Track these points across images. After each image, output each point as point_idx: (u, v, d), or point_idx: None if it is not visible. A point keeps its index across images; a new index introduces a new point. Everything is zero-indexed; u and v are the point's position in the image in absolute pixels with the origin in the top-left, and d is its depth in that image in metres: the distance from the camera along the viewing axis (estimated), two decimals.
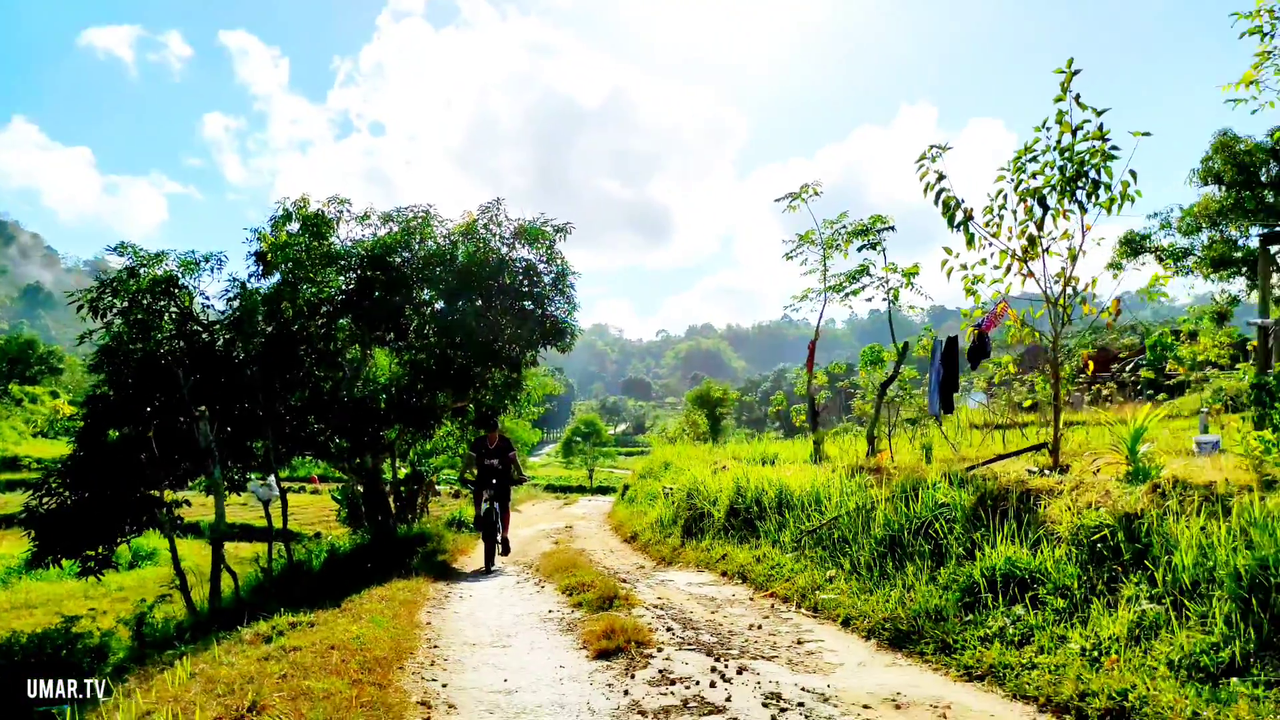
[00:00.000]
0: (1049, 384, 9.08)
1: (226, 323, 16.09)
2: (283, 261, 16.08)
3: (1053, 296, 8.35)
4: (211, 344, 15.85)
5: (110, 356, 15.66)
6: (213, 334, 16.01)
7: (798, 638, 6.52)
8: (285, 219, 16.91)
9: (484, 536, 12.87)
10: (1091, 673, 4.61)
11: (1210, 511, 5.37)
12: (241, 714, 4.20)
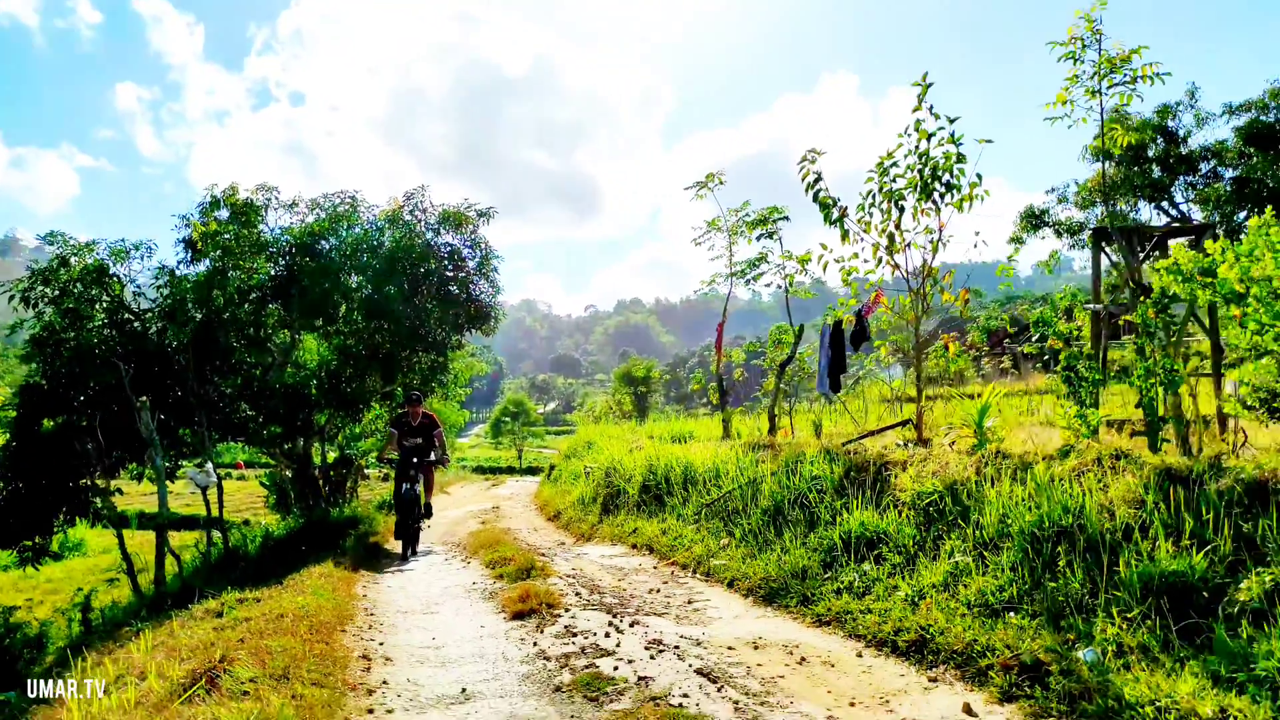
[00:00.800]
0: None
1: (158, 311, 16.67)
2: (212, 249, 16.68)
3: (914, 286, 9.55)
4: (144, 332, 16.46)
5: (42, 346, 16.16)
6: (144, 322, 16.62)
7: (689, 599, 7.63)
8: (214, 205, 17.53)
9: (399, 521, 12.26)
10: (910, 613, 5.78)
11: (1019, 478, 6.58)
12: (213, 665, 5.17)
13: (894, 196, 9.22)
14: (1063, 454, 6.87)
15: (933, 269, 9.53)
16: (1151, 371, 6.68)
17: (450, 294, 17.78)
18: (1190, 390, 6.88)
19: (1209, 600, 4.57)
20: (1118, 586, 4.97)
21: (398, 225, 17.88)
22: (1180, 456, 5.95)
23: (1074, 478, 6.17)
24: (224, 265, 16.61)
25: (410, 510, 12.18)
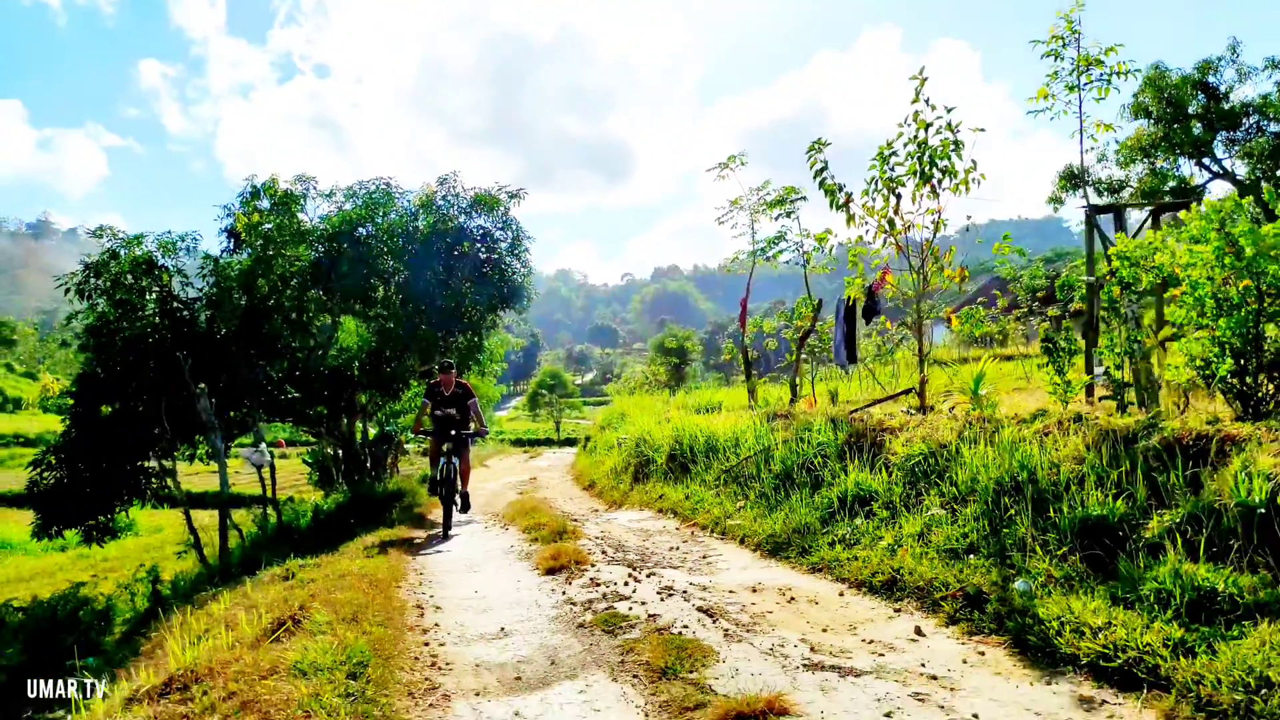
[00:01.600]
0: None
1: (206, 299, 17.90)
2: (255, 239, 17.85)
3: (915, 266, 10.51)
4: (193, 320, 17.69)
5: (97, 336, 17.42)
6: (193, 311, 17.84)
7: (703, 554, 8.72)
8: (255, 195, 18.73)
9: (442, 498, 11.97)
10: (887, 559, 6.81)
11: (993, 440, 7.57)
12: (293, 613, 6.33)
13: (892, 185, 10.13)
14: (1034, 417, 7.84)
15: (935, 248, 10.46)
16: (1116, 342, 7.65)
17: (484, 274, 18.87)
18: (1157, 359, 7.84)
19: (1123, 538, 5.56)
20: (1054, 529, 5.97)
21: (431, 210, 18.98)
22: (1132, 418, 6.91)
23: (1036, 438, 7.15)
24: (267, 254, 17.74)
25: (447, 485, 11.79)
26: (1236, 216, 6.22)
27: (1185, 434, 6.04)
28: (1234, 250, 6.08)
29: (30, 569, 24.63)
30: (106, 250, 17.43)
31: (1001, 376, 15.49)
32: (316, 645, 5.42)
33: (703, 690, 4.62)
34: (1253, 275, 6.08)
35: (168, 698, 5.01)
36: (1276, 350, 6.29)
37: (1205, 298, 6.45)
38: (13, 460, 47.30)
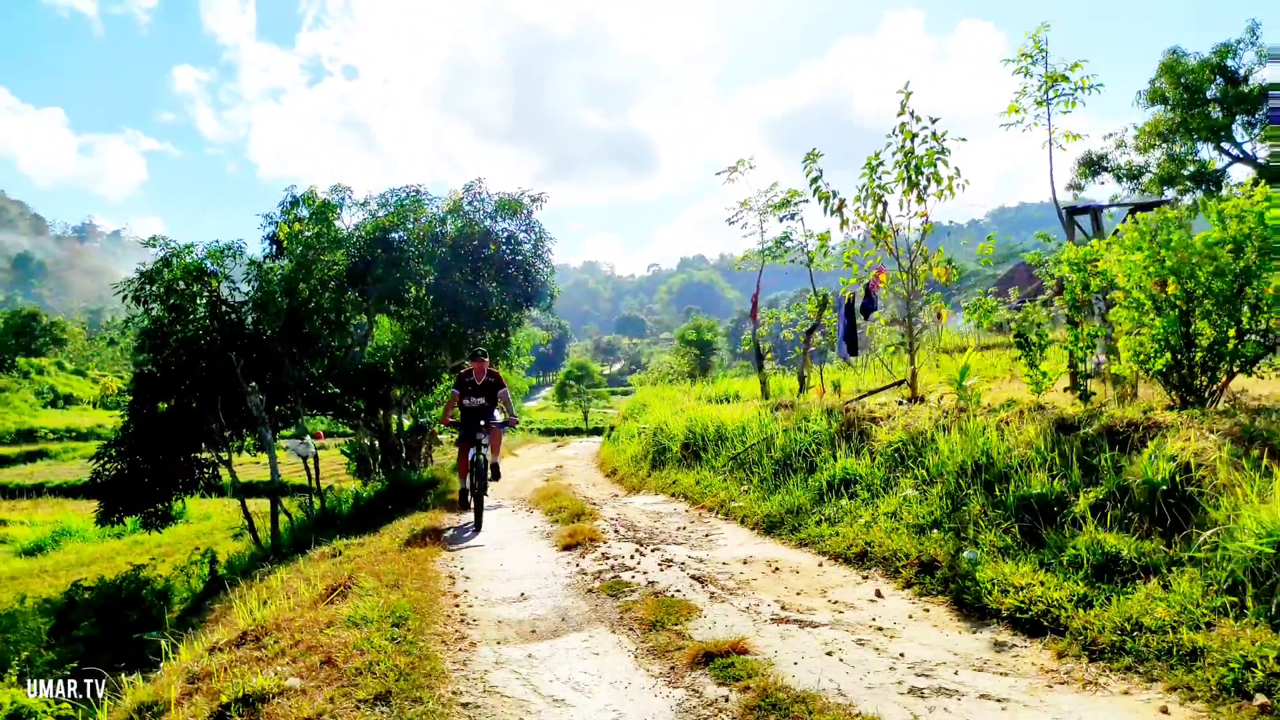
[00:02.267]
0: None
1: (251, 303, 18.96)
2: (296, 247, 18.88)
3: (904, 265, 11.29)
4: (240, 322, 18.75)
5: (152, 338, 18.52)
6: (240, 314, 18.90)
7: (706, 533, 9.57)
8: (294, 204, 19.75)
9: (473, 491, 11.37)
10: (863, 534, 7.64)
11: (964, 429, 8.35)
12: (344, 581, 7.26)
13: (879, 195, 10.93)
14: (1003, 407, 8.62)
15: (924, 249, 11.24)
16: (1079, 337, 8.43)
17: (509, 275, 19.79)
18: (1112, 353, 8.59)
19: (1056, 513, 6.35)
20: (1002, 506, 6.77)
21: (458, 215, 19.92)
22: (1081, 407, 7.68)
23: (998, 427, 7.94)
24: (307, 260, 18.74)
25: (482, 476, 11.34)
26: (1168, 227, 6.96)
27: (1119, 422, 6.83)
28: (1160, 259, 6.84)
29: (90, 554, 25.84)
30: (160, 258, 18.51)
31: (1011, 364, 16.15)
32: (365, 604, 6.34)
33: (683, 638, 5.49)
34: (1180, 280, 6.83)
35: (243, 646, 5.94)
36: (1208, 346, 7.04)
37: (1143, 300, 7.21)
38: (66, 454, 48.76)
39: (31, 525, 32.06)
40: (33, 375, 68.34)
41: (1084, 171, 35.15)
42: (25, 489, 40.69)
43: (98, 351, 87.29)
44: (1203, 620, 4.52)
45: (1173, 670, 4.26)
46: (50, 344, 75.53)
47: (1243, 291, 6.74)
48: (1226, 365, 7.05)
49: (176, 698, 5.21)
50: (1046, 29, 9.72)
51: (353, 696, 4.62)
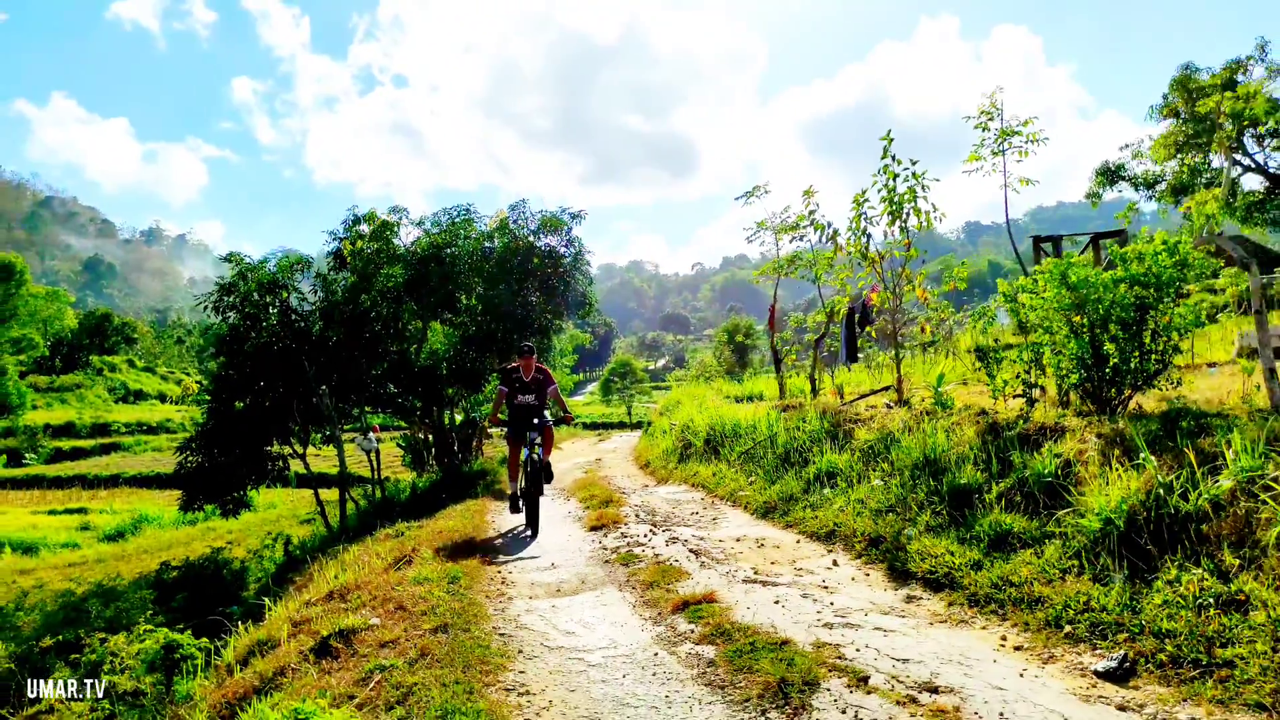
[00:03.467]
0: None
1: (318, 312, 20.74)
2: (359, 263, 20.64)
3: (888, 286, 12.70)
4: (308, 329, 20.52)
5: (228, 344, 20.37)
6: (308, 321, 20.67)
7: (714, 517, 11.08)
8: (356, 222, 21.54)
9: (525, 495, 11.08)
10: (835, 517, 9.11)
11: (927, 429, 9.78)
12: (408, 552, 8.88)
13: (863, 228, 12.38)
14: (961, 411, 10.04)
15: (908, 271, 12.65)
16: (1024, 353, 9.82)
17: (551, 286, 21.43)
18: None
19: (977, 498, 7.78)
20: (939, 493, 8.21)
21: (505, 232, 21.60)
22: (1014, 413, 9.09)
23: (948, 429, 9.37)
24: (368, 273, 20.48)
25: (535, 478, 10.94)
26: (1074, 270, 8.34)
27: (1033, 426, 8.26)
28: (1069, 293, 8.24)
29: (167, 539, 27.81)
30: (235, 272, 20.36)
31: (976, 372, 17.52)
32: (425, 569, 7.98)
33: (670, 593, 7.04)
34: (1085, 312, 8.23)
35: (331, 600, 7.58)
36: (1114, 365, 8.42)
37: (1058, 328, 8.60)
38: (139, 447, 51.14)
39: (112, 513, 34.18)
40: (105, 372, 71.45)
41: (1101, 181, 36.06)
42: (103, 479, 42.94)
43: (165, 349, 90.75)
44: (1054, 577, 5.97)
45: (1019, 612, 5.74)
46: (122, 343, 78.76)
47: (1144, 320, 8.12)
48: (1130, 381, 8.42)
49: (286, 635, 6.84)
50: (1001, 91, 11.09)
51: (420, 628, 6.24)
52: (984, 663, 5.02)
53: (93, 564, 24.39)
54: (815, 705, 4.44)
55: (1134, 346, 8.23)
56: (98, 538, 29.83)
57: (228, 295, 20.18)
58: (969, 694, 4.53)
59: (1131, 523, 5.83)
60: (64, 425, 54.71)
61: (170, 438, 53.49)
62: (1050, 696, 4.47)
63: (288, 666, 6.02)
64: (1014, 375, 9.79)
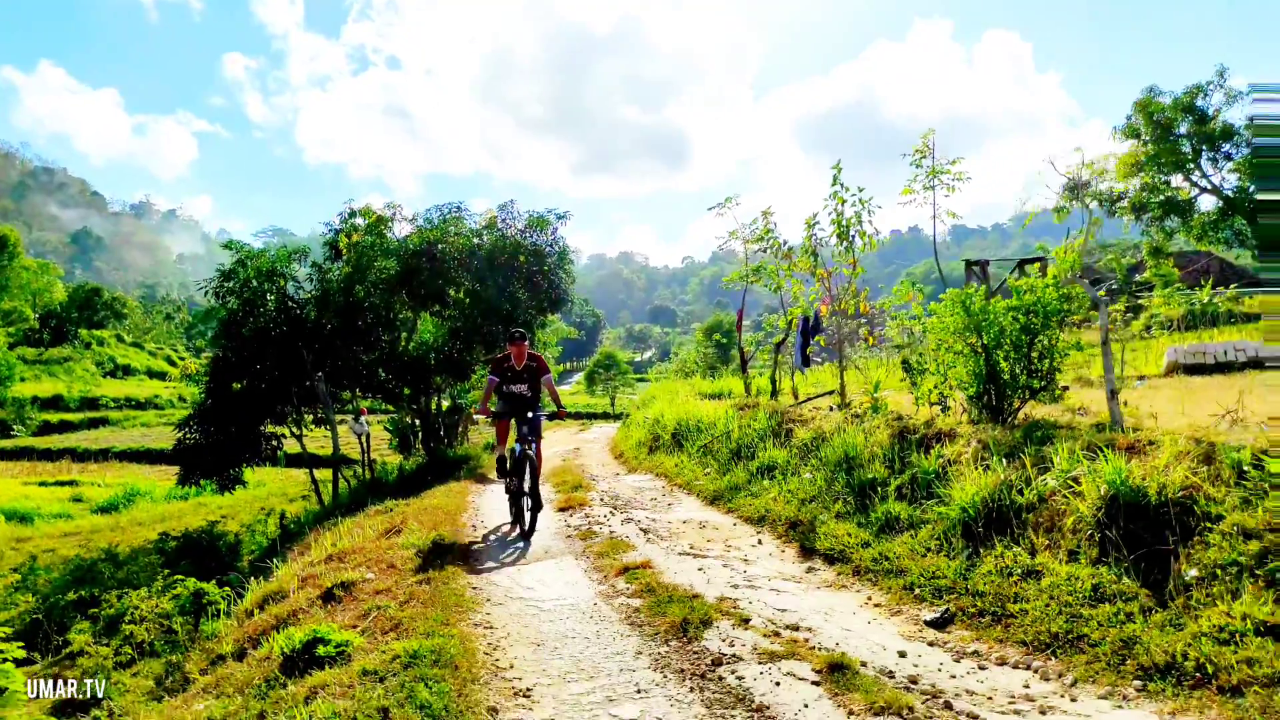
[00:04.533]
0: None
1: (314, 300, 22.17)
2: (354, 255, 22.08)
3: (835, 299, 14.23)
4: (303, 317, 21.94)
5: (227, 327, 21.80)
6: (303, 309, 22.10)
7: (669, 502, 12.62)
8: (352, 215, 23.00)
9: (511, 492, 10.78)
10: (769, 504, 10.64)
11: (849, 431, 11.31)
12: (397, 525, 10.41)
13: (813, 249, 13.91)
14: (883, 414, 11.59)
15: (853, 288, 14.19)
16: (939, 369, 11.35)
17: (535, 283, 22.90)
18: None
19: (880, 490, 9.32)
20: (851, 486, 9.75)
21: (494, 230, 23.08)
22: (921, 419, 10.63)
23: (869, 432, 10.91)
24: (362, 265, 21.91)
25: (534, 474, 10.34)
26: (971, 298, 9.88)
27: (933, 431, 9.81)
28: (968, 318, 9.79)
29: (159, 513, 29.20)
30: (235, 260, 21.80)
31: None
32: (413, 537, 9.51)
33: (616, 561, 8.59)
34: (980, 334, 9.76)
35: (331, 561, 9.10)
36: (1006, 381, 9.96)
37: (960, 348, 10.15)
38: (127, 421, 52.41)
39: (104, 486, 35.52)
40: (94, 346, 72.66)
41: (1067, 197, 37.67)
42: (93, 453, 44.16)
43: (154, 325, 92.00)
44: (920, 553, 7.52)
45: (887, 579, 7.31)
46: (110, 317, 79.86)
47: (1033, 343, 9.67)
48: (1020, 394, 9.96)
49: (295, 587, 8.36)
50: (933, 134, 12.60)
51: (407, 580, 7.79)
52: (844, 613, 6.58)
53: (88, 534, 25.74)
54: (704, 637, 5.99)
55: (1023, 365, 9.78)
56: (90, 509, 31.15)
57: (228, 281, 21.63)
58: (821, 631, 6.08)
59: (980, 511, 7.38)
60: (52, 398, 55.87)
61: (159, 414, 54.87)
62: (882, 635, 6.02)
63: (298, 610, 7.54)
64: (932, 386, 11.35)
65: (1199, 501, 5.87)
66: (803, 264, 14.36)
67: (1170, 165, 34.91)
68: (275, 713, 4.72)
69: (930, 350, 11.56)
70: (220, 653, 7.25)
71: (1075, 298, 9.80)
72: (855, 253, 13.83)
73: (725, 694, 4.96)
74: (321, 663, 5.49)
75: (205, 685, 6.20)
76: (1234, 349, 16.66)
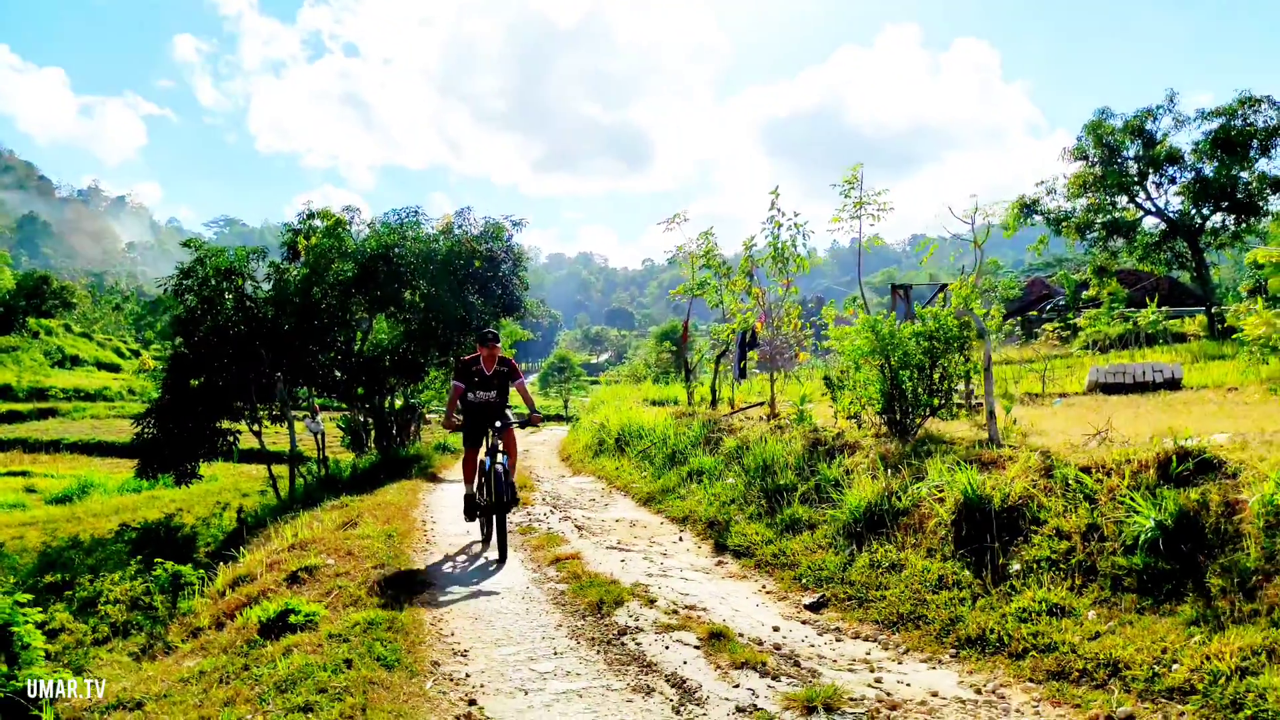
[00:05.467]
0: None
1: (271, 300, 23.07)
2: (312, 257, 23.01)
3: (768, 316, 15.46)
4: (262, 316, 22.84)
5: (184, 324, 22.65)
6: (260, 308, 22.99)
7: (606, 503, 13.78)
8: (311, 217, 23.93)
9: (483, 512, 10.36)
10: (693, 506, 11.81)
11: (770, 440, 12.51)
12: (353, 519, 11.48)
13: (749, 270, 15.12)
14: (800, 428, 12.81)
15: (786, 304, 15.43)
16: (855, 387, 12.59)
17: (490, 289, 23.95)
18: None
19: (789, 495, 10.52)
20: (765, 490, 10.94)
21: (450, 236, 24.11)
22: (833, 431, 11.85)
23: (787, 441, 12.12)
24: (319, 267, 22.85)
25: (499, 489, 9.58)
26: (880, 323, 11.13)
27: (840, 442, 11.05)
28: (876, 341, 11.03)
29: (114, 505, 29.81)
30: (194, 258, 22.66)
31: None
32: (369, 529, 10.60)
33: (550, 553, 9.74)
34: (885, 355, 11.01)
35: (294, 550, 10.16)
36: (910, 399, 11.21)
37: (869, 368, 11.40)
38: (76, 413, 52.58)
39: (57, 477, 36.00)
40: (42, 335, 72.45)
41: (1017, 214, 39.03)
42: (44, 444, 44.44)
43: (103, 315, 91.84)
44: (813, 550, 8.72)
45: (780, 571, 8.51)
46: (59, 306, 79.58)
47: (934, 365, 10.92)
48: (921, 411, 11.21)
49: (262, 571, 9.43)
50: (860, 167, 13.86)
51: (364, 565, 8.89)
52: (738, 598, 7.78)
53: (44, 524, 26.32)
54: (615, 613, 7.16)
55: (925, 385, 11.03)
56: (45, 500, 31.65)
57: (186, 279, 22.48)
58: (714, 611, 7.28)
59: (863, 515, 8.60)
60: (1, 388, 55.95)
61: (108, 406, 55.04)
62: (765, 615, 7.23)
63: (267, 590, 8.60)
64: (849, 401, 12.59)
65: (1032, 508, 7.12)
66: (739, 284, 15.58)
67: (1115, 187, 36.47)
68: (256, 664, 5.81)
69: (844, 369, 12.79)
70: (198, 625, 8.28)
71: (971, 326, 11.08)
72: (789, 274, 15.08)
73: (624, 655, 6.14)
74: (294, 629, 6.57)
75: (191, 649, 7.26)
76: (1153, 370, 18.11)
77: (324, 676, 5.26)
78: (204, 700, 5.21)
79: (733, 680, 5.53)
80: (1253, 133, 34.10)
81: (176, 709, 5.08)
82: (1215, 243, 36.75)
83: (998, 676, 5.45)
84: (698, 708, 5.12)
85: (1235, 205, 34.86)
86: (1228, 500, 5.86)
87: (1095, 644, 5.34)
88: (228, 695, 5.19)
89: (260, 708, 4.93)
